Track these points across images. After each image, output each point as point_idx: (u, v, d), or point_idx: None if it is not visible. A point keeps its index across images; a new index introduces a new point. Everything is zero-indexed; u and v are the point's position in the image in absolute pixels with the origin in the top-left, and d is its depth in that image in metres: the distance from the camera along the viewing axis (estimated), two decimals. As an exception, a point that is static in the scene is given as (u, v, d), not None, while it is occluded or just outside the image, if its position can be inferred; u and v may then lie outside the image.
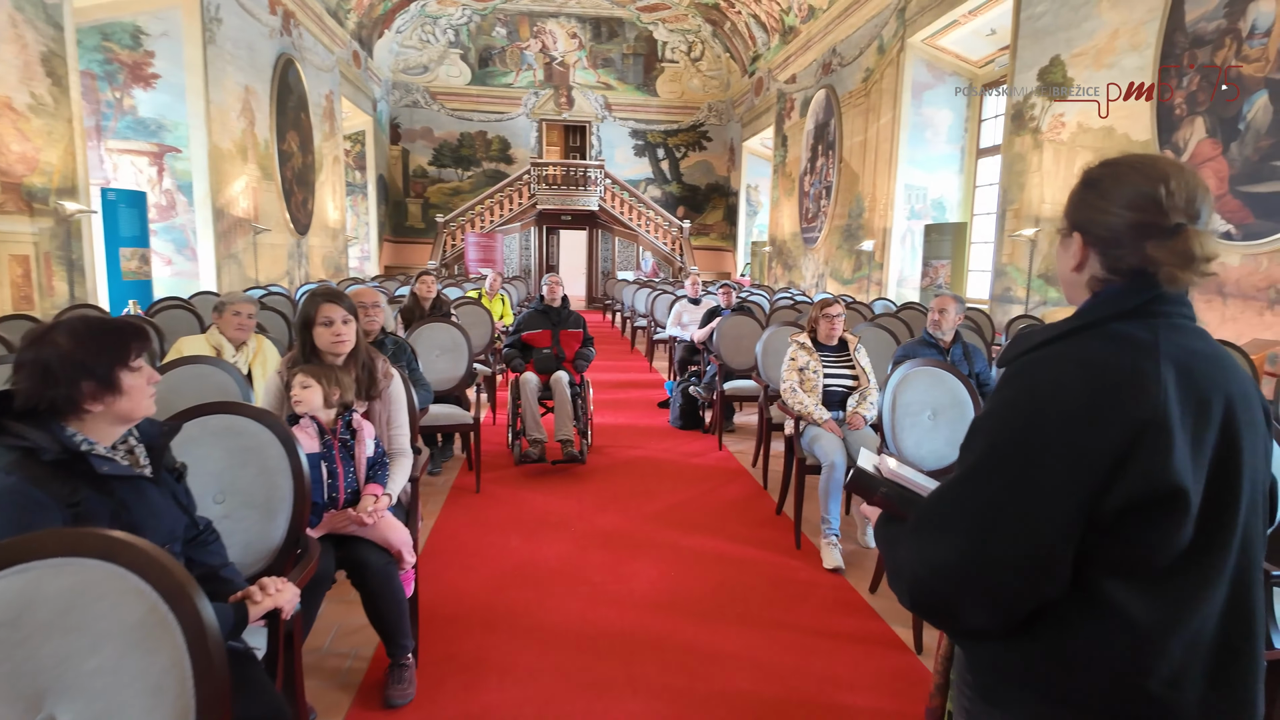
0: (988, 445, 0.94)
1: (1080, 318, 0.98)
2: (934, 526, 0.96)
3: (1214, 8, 5.41)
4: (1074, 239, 1.03)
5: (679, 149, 20.17)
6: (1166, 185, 0.94)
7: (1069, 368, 0.91)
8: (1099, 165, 1.02)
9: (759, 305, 7.74)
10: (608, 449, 5.25)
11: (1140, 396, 0.88)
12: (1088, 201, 1.01)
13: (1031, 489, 0.89)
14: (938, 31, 9.75)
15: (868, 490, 1.16)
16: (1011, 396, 0.94)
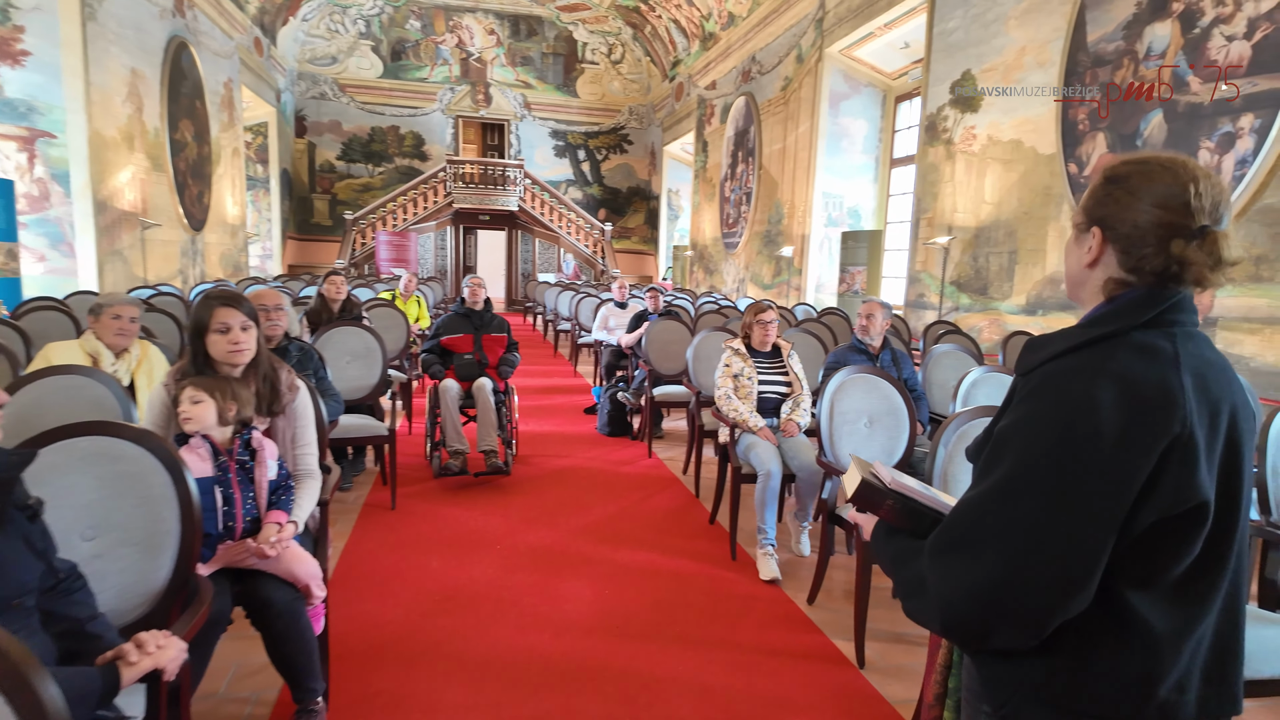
0: (1020, 461, 0.91)
1: (1101, 325, 0.95)
2: (964, 547, 0.93)
3: (1113, 30, 5.70)
4: (1093, 234, 1.00)
5: (600, 151, 20.05)
6: (1196, 186, 0.93)
7: (1103, 383, 0.89)
8: (1124, 162, 0.99)
9: (684, 309, 7.69)
10: (534, 459, 5.04)
11: (1172, 413, 0.88)
12: (1113, 197, 0.98)
13: (1070, 509, 0.87)
14: (855, 43, 9.99)
15: (873, 502, 1.11)
16: (1042, 410, 0.91)
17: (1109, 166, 1.01)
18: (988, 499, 0.93)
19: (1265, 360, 4.54)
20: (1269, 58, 4.49)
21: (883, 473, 1.14)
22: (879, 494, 1.10)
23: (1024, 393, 0.96)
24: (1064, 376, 0.92)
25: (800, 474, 3.38)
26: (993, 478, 0.93)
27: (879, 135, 10.72)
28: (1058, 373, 0.93)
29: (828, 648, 2.72)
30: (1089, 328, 0.96)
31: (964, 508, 0.96)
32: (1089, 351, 0.93)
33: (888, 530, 1.13)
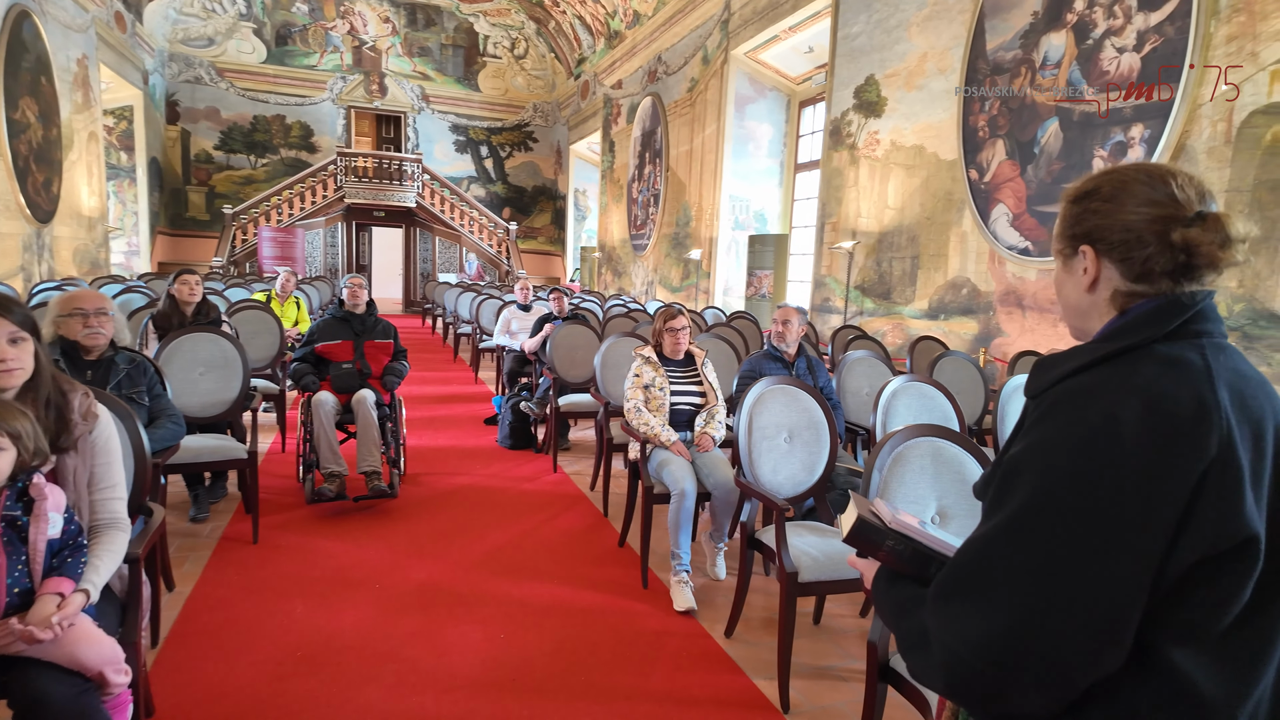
0: (1034, 492, 0.80)
1: (1119, 338, 0.86)
2: (972, 593, 0.82)
3: (1010, 39, 5.80)
4: (1083, 255, 0.92)
5: (503, 148, 19.45)
6: (1175, 180, 0.87)
7: (1126, 400, 0.79)
8: (1089, 178, 0.94)
9: (592, 313, 7.37)
10: (425, 478, 4.58)
11: (1207, 432, 0.77)
12: (1092, 209, 0.91)
13: (1094, 546, 0.76)
14: (759, 46, 9.96)
15: (872, 544, 1.00)
16: (1057, 434, 0.81)
17: (1073, 188, 0.95)
18: (998, 536, 0.82)
19: (1156, 364, 4.66)
20: (1156, 69, 4.61)
21: (883, 510, 1.04)
22: (877, 534, 0.99)
23: (1035, 416, 0.86)
24: (1080, 395, 0.83)
25: (716, 492, 3.12)
26: (1003, 513, 0.83)
27: (783, 140, 10.76)
28: (1073, 391, 0.84)
29: (749, 691, 2.45)
30: (1105, 342, 0.88)
31: (971, 547, 0.85)
32: (1107, 367, 0.84)
33: (890, 577, 1.02)
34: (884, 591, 1.01)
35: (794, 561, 2.37)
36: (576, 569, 3.35)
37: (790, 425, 2.79)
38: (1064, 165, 5.30)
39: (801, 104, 10.54)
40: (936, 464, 1.97)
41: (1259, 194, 4.08)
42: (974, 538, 0.86)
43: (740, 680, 2.51)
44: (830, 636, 2.85)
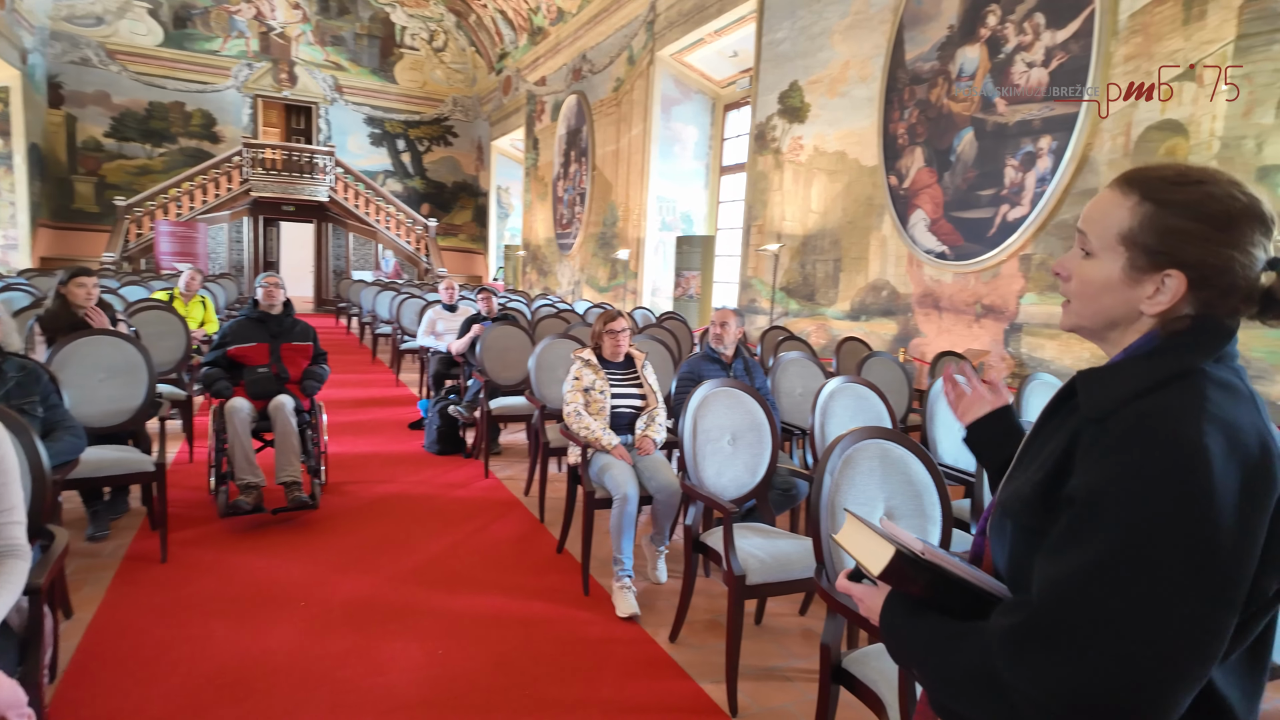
0: (1129, 529, 0.73)
1: (1176, 358, 0.81)
2: (1064, 641, 0.74)
3: (928, 50, 6.03)
4: (1170, 279, 0.83)
5: (422, 142, 18.91)
6: (1268, 208, 0.83)
7: (1210, 429, 0.74)
8: (1191, 178, 0.83)
9: (520, 313, 7.24)
10: (348, 487, 4.37)
11: (1272, 463, 0.75)
12: (1198, 235, 0.82)
13: (1197, 590, 0.71)
14: (685, 48, 10.03)
15: (908, 578, 0.90)
16: (1146, 463, 0.74)
17: (1162, 189, 0.84)
18: (1091, 579, 0.74)
19: (1063, 363, 4.94)
20: (1063, 84, 4.88)
21: (900, 534, 0.95)
22: (915, 568, 0.89)
23: (1113, 441, 0.78)
24: (1164, 420, 0.76)
25: (658, 495, 3.10)
26: (1089, 550, 0.75)
27: (709, 142, 10.87)
28: (1154, 415, 0.77)
29: (697, 696, 2.44)
30: (1157, 359, 0.82)
31: (1060, 586, 0.76)
32: (1176, 392, 0.78)
33: (910, 608, 0.92)
34: (904, 621, 0.92)
35: (742, 564, 2.37)
36: (515, 578, 3.26)
37: (733, 427, 2.80)
38: (978, 173, 5.56)
39: (726, 107, 10.68)
40: (884, 465, 2.01)
41: (1154, 204, 4.37)
42: (1059, 575, 0.77)
43: (687, 685, 2.50)
44: (773, 636, 2.88)
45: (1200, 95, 4.15)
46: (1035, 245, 5.12)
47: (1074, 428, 0.84)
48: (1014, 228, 5.25)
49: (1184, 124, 4.24)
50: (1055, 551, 0.78)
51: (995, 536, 0.95)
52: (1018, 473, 0.93)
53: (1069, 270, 0.93)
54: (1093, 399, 0.83)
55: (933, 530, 2.01)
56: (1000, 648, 0.78)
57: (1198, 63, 4.16)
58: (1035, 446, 0.92)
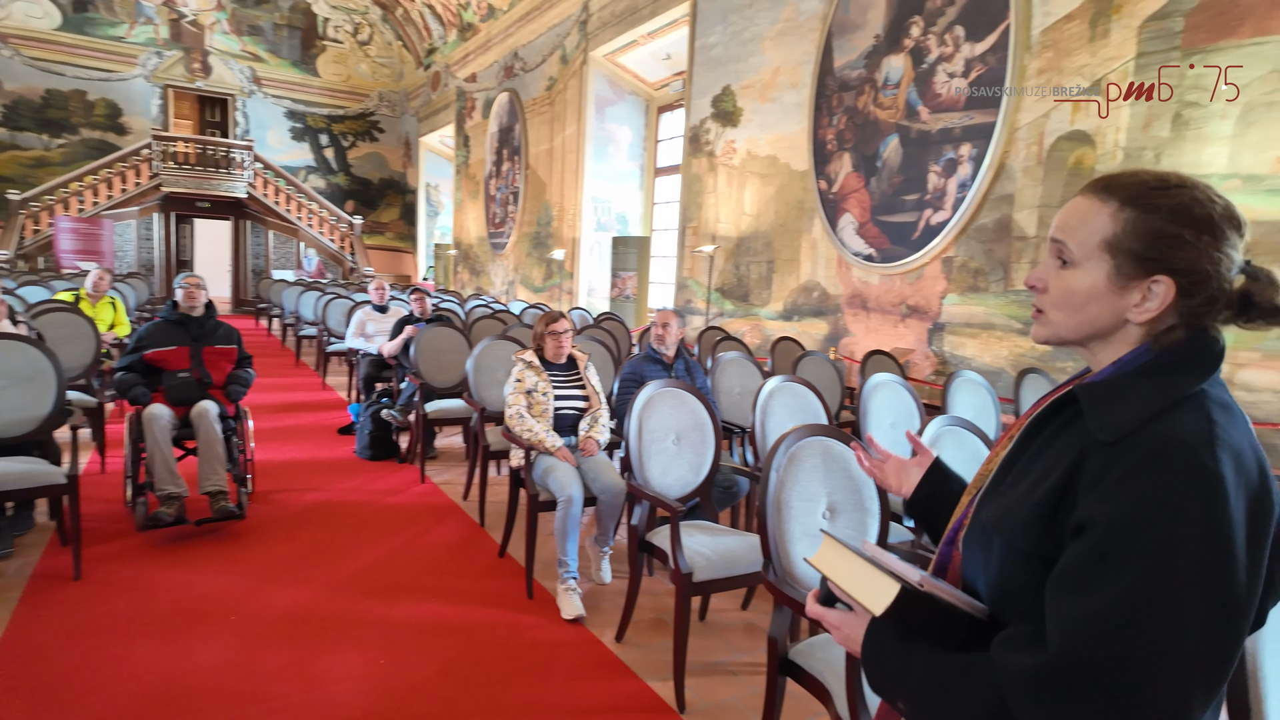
0: (1158, 568, 0.70)
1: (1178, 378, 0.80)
2: (1097, 688, 0.71)
3: (855, 58, 6.23)
4: (1158, 285, 0.82)
5: (346, 137, 18.33)
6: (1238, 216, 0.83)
7: (1221, 456, 0.73)
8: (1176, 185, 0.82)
9: (454, 313, 7.12)
10: (277, 495, 4.21)
11: (1271, 488, 0.75)
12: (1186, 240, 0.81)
13: (1225, 625, 0.70)
14: (619, 49, 10.06)
15: (907, 615, 0.83)
16: (1171, 497, 0.72)
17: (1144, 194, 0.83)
18: (1118, 619, 0.71)
19: (983, 360, 5.19)
20: (981, 95, 5.13)
21: (889, 561, 0.86)
22: (919, 602, 0.82)
23: (1132, 468, 0.74)
24: (1183, 447, 0.74)
25: (603, 496, 3.11)
26: (1115, 588, 0.71)
27: (643, 143, 10.93)
28: (1172, 441, 0.74)
29: (644, 694, 2.46)
30: (1162, 379, 0.80)
31: (1085, 630, 0.72)
32: (1189, 413, 0.77)
33: (900, 637, 0.86)
34: (894, 657, 0.86)
35: (689, 562, 2.40)
36: (457, 583, 3.21)
37: (678, 427, 2.83)
38: (903, 179, 5.78)
39: (660, 109, 10.76)
40: (826, 462, 2.07)
41: (1064, 210, 4.64)
42: (1083, 617, 0.73)
43: (635, 684, 2.51)
44: (717, 632, 2.92)
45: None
46: (957, 248, 5.36)
47: (1078, 447, 0.81)
48: (937, 231, 5.48)
49: (1091, 135, 4.51)
50: (1075, 588, 0.74)
51: (974, 552, 0.91)
52: (1005, 488, 0.89)
53: (1045, 281, 0.90)
54: (1102, 419, 0.79)
55: (872, 524, 2.08)
56: (1022, 692, 0.75)
57: (1101, 78, 4.44)
58: (1025, 461, 0.89)
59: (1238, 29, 3.82)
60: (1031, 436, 0.90)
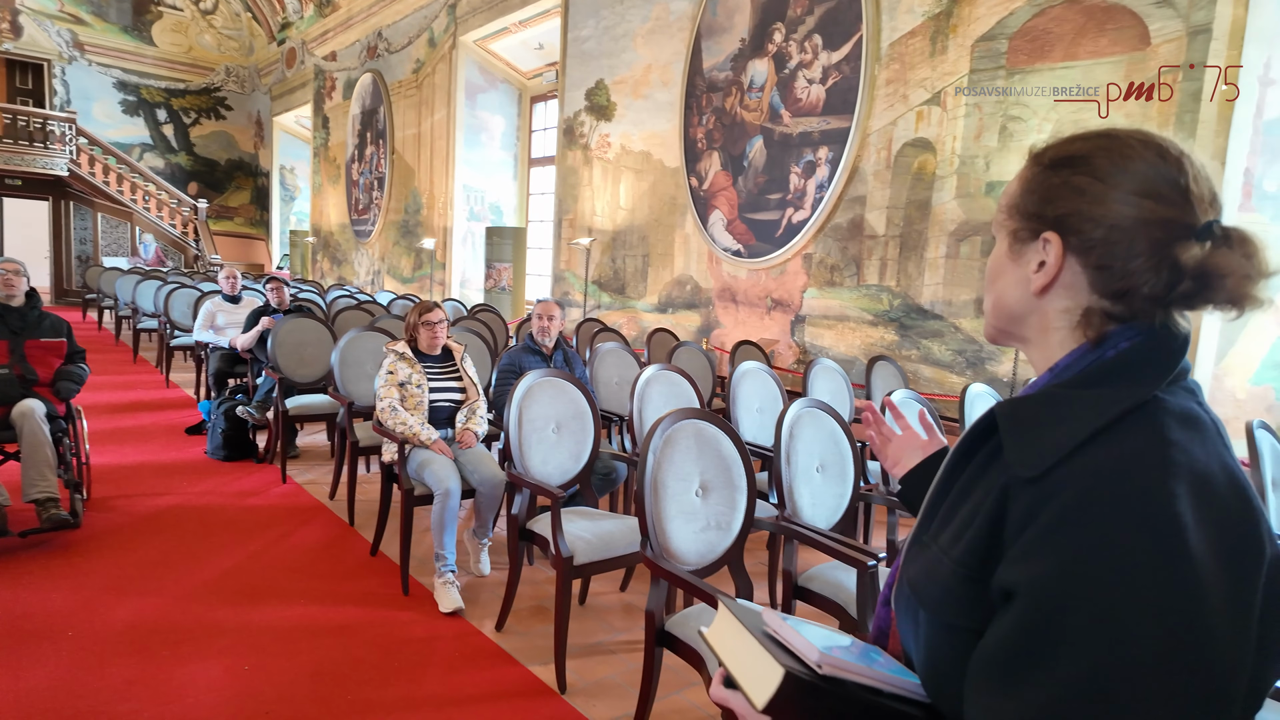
0: (1113, 647, 0.54)
1: (1120, 385, 0.64)
2: None
3: (722, 60, 6.47)
4: (1046, 242, 0.68)
5: (188, 113, 16.83)
6: (1191, 166, 0.65)
7: (1175, 488, 0.57)
8: (1085, 138, 0.69)
9: (315, 304, 6.76)
10: (117, 502, 3.86)
11: (1257, 521, 0.59)
12: (1074, 186, 0.67)
13: (1208, 707, 0.54)
14: (489, 36, 9.88)
15: (801, 709, 0.65)
16: (1111, 555, 0.56)
17: (1054, 149, 0.70)
18: (1063, 714, 0.55)
19: (839, 349, 5.57)
20: (838, 101, 5.49)
21: (786, 634, 0.69)
22: (813, 695, 0.64)
23: (1060, 514, 0.58)
24: (1122, 483, 0.58)
25: (481, 488, 3.09)
26: (1056, 680, 0.55)
27: (517, 133, 10.80)
28: (1107, 476, 0.58)
29: (525, 678, 2.49)
30: (1101, 389, 0.64)
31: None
32: (1132, 433, 0.61)
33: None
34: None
35: (569, 546, 2.45)
36: (326, 584, 3.08)
37: (558, 416, 2.87)
38: (767, 178, 6.08)
39: (534, 99, 10.67)
40: (699, 443, 2.18)
41: (909, 210, 5.07)
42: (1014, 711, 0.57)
43: (516, 670, 2.53)
44: (597, 614, 2.99)
45: (944, 117, 4.87)
46: (815, 245, 5.72)
47: (1001, 485, 0.64)
48: (798, 229, 5.81)
49: (932, 142, 4.95)
50: (997, 675, 0.59)
51: (904, 618, 0.74)
52: (926, 538, 0.72)
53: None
54: (1022, 450, 0.64)
55: (740, 500, 2.22)
56: None
57: (940, 90, 4.88)
58: (949, 502, 0.72)
59: (1050, 53, 4.32)
60: (957, 470, 0.73)
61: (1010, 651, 0.58)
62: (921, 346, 5.02)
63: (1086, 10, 4.17)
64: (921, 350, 5.02)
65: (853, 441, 2.62)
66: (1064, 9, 4.26)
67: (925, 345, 5.00)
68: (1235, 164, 3.76)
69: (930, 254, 4.96)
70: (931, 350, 4.96)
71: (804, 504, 2.42)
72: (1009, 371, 4.54)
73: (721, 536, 2.17)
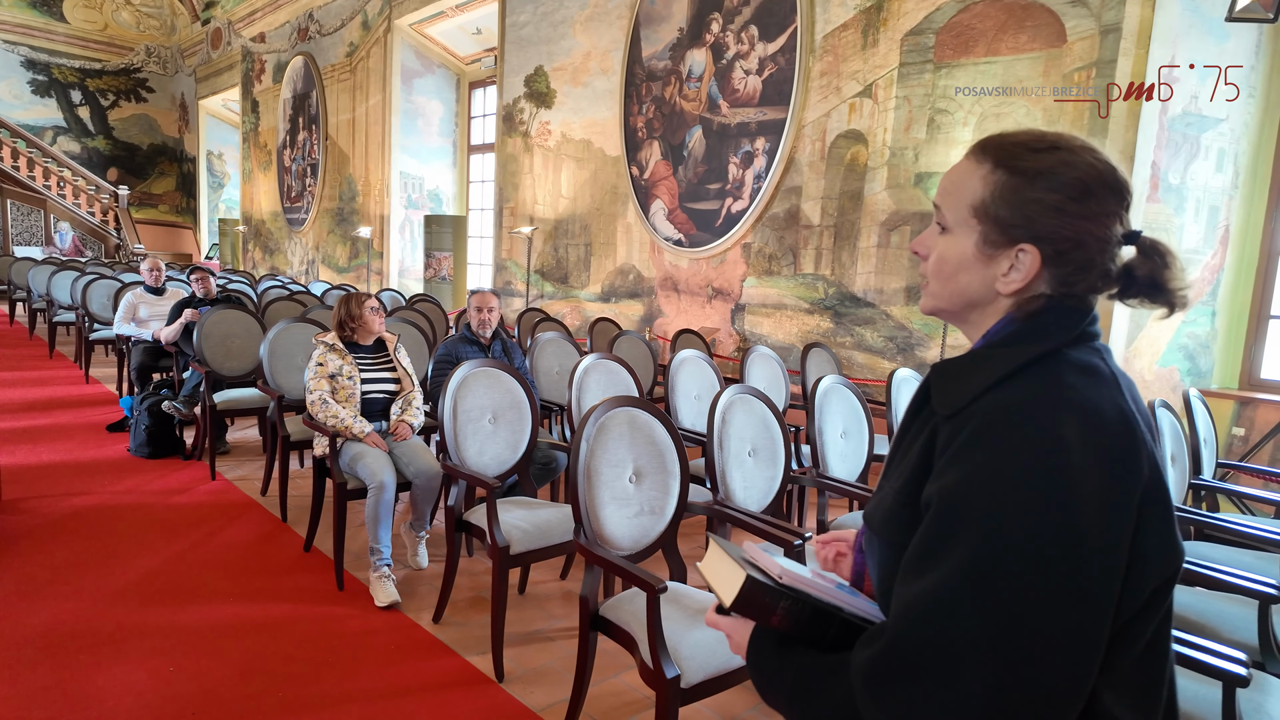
0: (990, 537, 0.66)
1: (1031, 342, 0.76)
2: (928, 672, 0.66)
3: (662, 49, 6.48)
4: (1024, 254, 0.77)
5: (105, 95, 15.98)
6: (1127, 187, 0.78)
7: (1065, 418, 0.68)
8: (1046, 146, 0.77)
9: (245, 295, 6.53)
10: (29, 503, 3.67)
11: (1138, 449, 0.70)
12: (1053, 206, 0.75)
13: (1065, 597, 0.64)
14: (425, 19, 9.65)
15: (765, 608, 0.80)
16: (1003, 461, 0.68)
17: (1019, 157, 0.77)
18: (952, 596, 0.66)
19: (777, 337, 5.67)
20: (774, 92, 5.57)
21: (761, 559, 0.84)
22: (772, 595, 0.79)
23: (965, 440, 0.71)
24: (1015, 414, 0.70)
25: (417, 480, 3.06)
26: (944, 566, 0.67)
27: (455, 119, 10.60)
28: (1007, 407, 0.70)
29: (463, 669, 2.48)
30: (1017, 346, 0.76)
31: (915, 611, 0.68)
32: (1032, 377, 0.73)
33: (778, 642, 0.82)
34: (773, 660, 0.82)
35: (505, 535, 2.45)
36: (256, 582, 3.01)
37: (494, 406, 2.85)
38: (707, 168, 6.13)
39: (472, 85, 10.48)
40: (632, 430, 2.20)
41: (843, 201, 5.19)
42: (913, 598, 0.69)
43: (454, 660, 2.53)
44: (536, 603, 3.00)
45: (875, 110, 4.99)
46: (754, 235, 5.80)
47: (931, 427, 0.77)
48: (737, 219, 5.88)
49: (864, 134, 5.07)
50: (910, 569, 0.71)
51: (870, 554, 0.86)
52: (884, 483, 0.85)
53: (927, 248, 0.85)
54: (945, 393, 0.77)
55: (674, 485, 2.25)
56: (862, 684, 0.70)
57: (872, 83, 4.99)
58: (900, 451, 0.84)
59: (973, 49, 4.47)
60: (908, 424, 0.85)
61: (921, 549, 0.71)
62: (855, 333, 5.16)
63: (1007, 8, 4.33)
64: (855, 337, 5.16)
65: (784, 426, 2.69)
66: (986, 6, 4.41)
67: (859, 332, 5.14)
68: (1143, 157, 3.96)
69: (863, 243, 5.09)
70: (865, 337, 5.10)
71: (736, 487, 2.47)
72: (937, 356, 4.71)
73: (655, 521, 2.21)
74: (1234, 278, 4.30)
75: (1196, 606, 2.08)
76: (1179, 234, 4.11)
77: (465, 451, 2.74)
